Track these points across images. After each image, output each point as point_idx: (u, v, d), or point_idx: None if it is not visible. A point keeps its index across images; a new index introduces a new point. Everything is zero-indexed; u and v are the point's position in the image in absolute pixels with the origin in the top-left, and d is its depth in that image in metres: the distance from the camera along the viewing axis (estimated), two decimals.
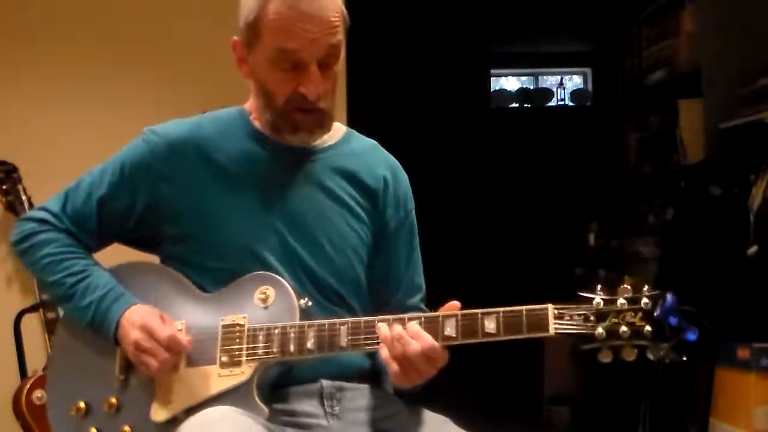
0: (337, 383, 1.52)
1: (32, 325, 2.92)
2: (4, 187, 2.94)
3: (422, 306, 1.67)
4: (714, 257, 3.12)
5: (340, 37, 1.48)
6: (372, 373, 1.62)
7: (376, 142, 1.71)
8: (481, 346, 1.38)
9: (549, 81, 6.58)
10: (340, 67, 1.53)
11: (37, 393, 2.74)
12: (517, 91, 6.52)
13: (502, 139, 6.01)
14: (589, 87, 6.42)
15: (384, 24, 5.08)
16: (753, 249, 3.04)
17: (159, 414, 1.45)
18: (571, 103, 6.46)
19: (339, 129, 1.66)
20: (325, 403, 1.50)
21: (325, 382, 1.51)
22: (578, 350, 1.30)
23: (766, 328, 2.92)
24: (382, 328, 1.37)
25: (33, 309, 2.89)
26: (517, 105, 6.46)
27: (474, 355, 1.39)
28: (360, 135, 1.71)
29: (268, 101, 1.52)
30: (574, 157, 5.85)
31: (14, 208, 2.92)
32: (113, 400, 1.50)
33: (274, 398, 1.46)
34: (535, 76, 6.61)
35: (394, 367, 1.36)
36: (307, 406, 1.49)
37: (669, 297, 1.28)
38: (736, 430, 2.95)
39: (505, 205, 5.84)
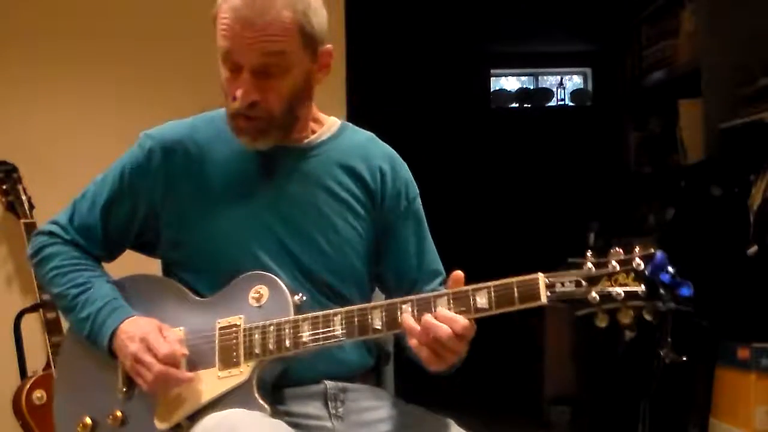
0: (341, 384, 1.52)
1: (32, 325, 2.92)
2: (4, 187, 2.94)
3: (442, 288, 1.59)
4: (714, 257, 3.12)
5: (285, 48, 1.42)
6: (374, 373, 1.62)
7: (372, 135, 1.67)
8: (480, 346, 1.37)
9: (549, 81, 6.58)
10: (294, 80, 1.46)
11: (37, 393, 2.74)
12: (517, 91, 6.52)
13: (502, 139, 6.00)
14: (589, 87, 6.42)
15: (384, 24, 5.07)
16: (753, 249, 3.03)
17: (162, 423, 1.45)
18: (571, 103, 6.46)
19: (333, 123, 1.64)
20: (330, 404, 1.50)
21: (328, 383, 1.51)
22: (573, 316, 1.29)
23: (766, 328, 2.92)
24: (407, 319, 1.33)
25: (33, 309, 2.88)
26: (517, 105, 6.45)
27: (474, 355, 1.38)
28: (356, 127, 1.67)
29: (225, 99, 1.51)
30: (574, 157, 5.85)
31: (14, 208, 2.92)
32: (118, 414, 1.50)
33: (274, 400, 1.46)
34: (535, 76, 6.61)
35: (425, 353, 1.32)
36: (311, 408, 1.49)
37: (659, 254, 1.25)
38: (736, 430, 2.94)
39: (505, 205, 5.84)
